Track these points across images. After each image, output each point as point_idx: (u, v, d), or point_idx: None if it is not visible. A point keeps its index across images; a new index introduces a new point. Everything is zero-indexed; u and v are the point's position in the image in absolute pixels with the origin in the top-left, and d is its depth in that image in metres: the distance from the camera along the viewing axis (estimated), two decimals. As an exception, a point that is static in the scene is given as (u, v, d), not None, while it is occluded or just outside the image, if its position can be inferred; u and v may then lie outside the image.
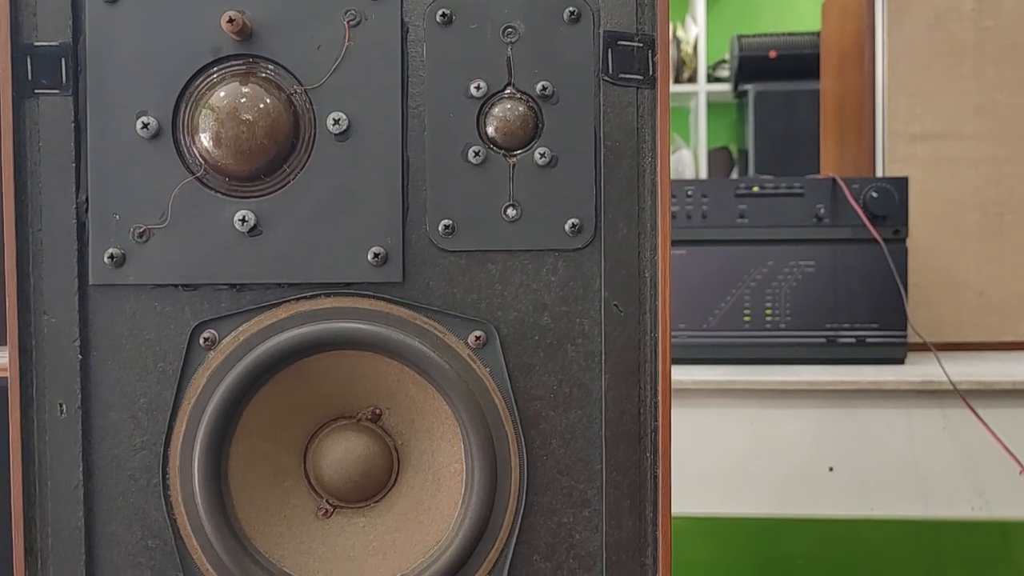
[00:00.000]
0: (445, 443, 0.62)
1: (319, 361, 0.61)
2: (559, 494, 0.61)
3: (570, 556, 0.61)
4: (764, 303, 1.49)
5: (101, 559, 0.61)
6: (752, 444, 1.41)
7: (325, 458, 0.62)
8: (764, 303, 1.49)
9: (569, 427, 0.60)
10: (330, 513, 0.63)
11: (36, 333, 0.60)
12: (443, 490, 0.62)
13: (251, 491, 0.62)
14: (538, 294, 0.60)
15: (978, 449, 1.37)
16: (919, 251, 1.62)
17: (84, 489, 0.61)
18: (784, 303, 1.49)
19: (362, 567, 0.62)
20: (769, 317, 1.49)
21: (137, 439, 0.61)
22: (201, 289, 0.60)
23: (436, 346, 0.60)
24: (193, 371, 0.60)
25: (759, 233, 1.50)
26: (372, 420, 0.63)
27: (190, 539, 0.61)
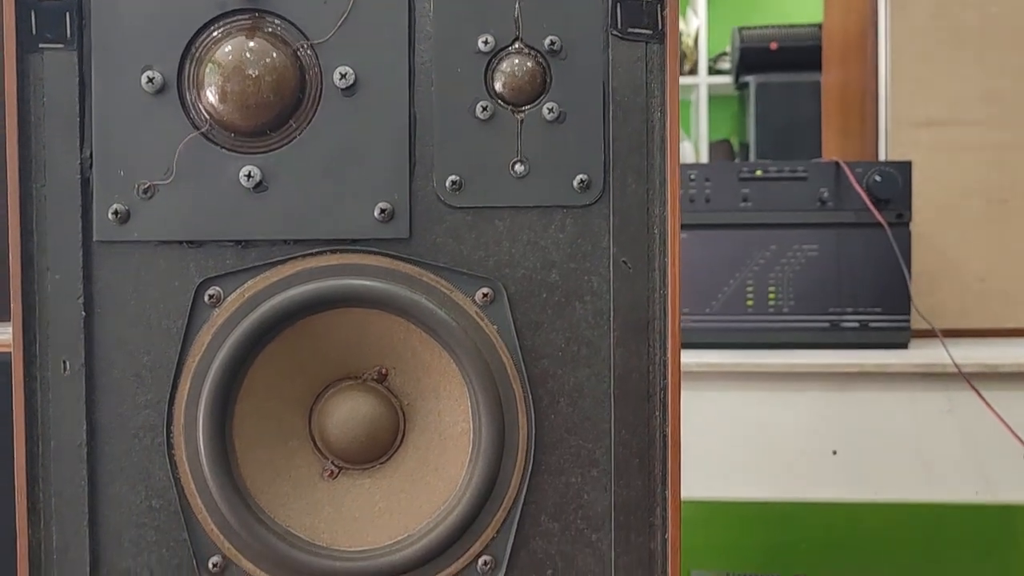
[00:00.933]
0: (452, 402, 0.61)
1: (325, 319, 0.60)
2: (567, 453, 0.60)
3: (578, 516, 0.60)
4: (767, 287, 1.49)
5: (104, 519, 0.60)
6: (755, 427, 1.41)
7: (331, 419, 0.62)
8: (767, 287, 1.49)
9: (577, 385, 0.60)
10: (336, 474, 0.62)
11: (40, 290, 0.60)
12: (450, 450, 0.61)
13: (256, 451, 0.61)
14: (546, 251, 0.60)
15: (983, 433, 1.37)
16: (922, 238, 1.62)
17: (87, 448, 0.60)
18: (787, 287, 1.49)
19: (368, 528, 0.61)
20: (772, 301, 1.49)
21: (141, 397, 0.60)
22: (206, 246, 0.60)
23: (443, 303, 0.59)
24: (198, 329, 0.60)
25: (762, 217, 1.49)
26: (378, 380, 0.63)
27: (194, 498, 0.60)
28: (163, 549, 0.61)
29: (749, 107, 2.64)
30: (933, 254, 1.64)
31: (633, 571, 0.60)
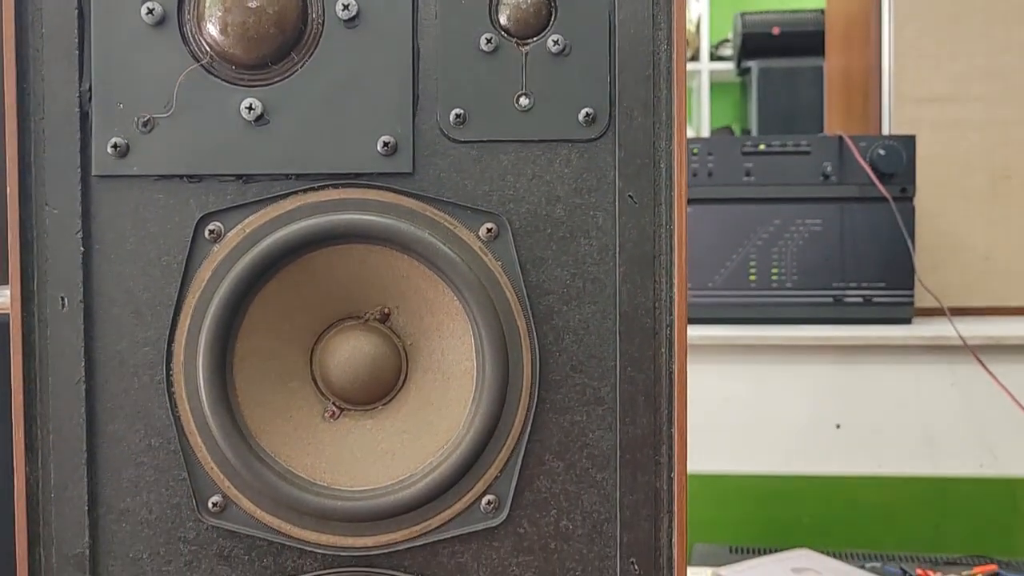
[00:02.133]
0: (455, 341, 0.60)
1: (327, 255, 0.59)
2: (572, 391, 0.59)
3: (583, 455, 0.59)
4: (770, 262, 1.48)
5: (102, 457, 0.60)
6: (759, 401, 1.40)
7: (332, 358, 0.61)
8: (770, 262, 1.48)
9: (583, 322, 0.59)
10: (337, 415, 0.62)
11: (37, 225, 0.59)
12: (453, 389, 0.60)
13: (257, 390, 0.60)
14: (551, 186, 0.59)
15: (987, 406, 1.36)
16: (925, 215, 1.61)
17: (86, 386, 0.59)
18: (790, 262, 1.48)
19: (370, 468, 0.60)
20: (775, 276, 1.48)
21: (140, 335, 0.59)
22: (206, 180, 0.59)
23: (447, 238, 0.58)
24: (198, 265, 0.59)
25: (765, 192, 1.49)
26: (380, 320, 0.62)
27: (194, 436, 0.59)
28: (162, 488, 0.60)
29: (751, 92, 2.63)
30: (936, 231, 1.63)
31: (639, 510, 0.59)
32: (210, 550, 0.60)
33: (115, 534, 0.60)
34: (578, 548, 0.60)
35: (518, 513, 0.59)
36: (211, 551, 0.60)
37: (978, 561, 1.19)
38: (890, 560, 1.22)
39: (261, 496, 0.59)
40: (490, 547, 0.60)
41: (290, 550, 0.60)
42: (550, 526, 0.60)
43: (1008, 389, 1.30)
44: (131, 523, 0.60)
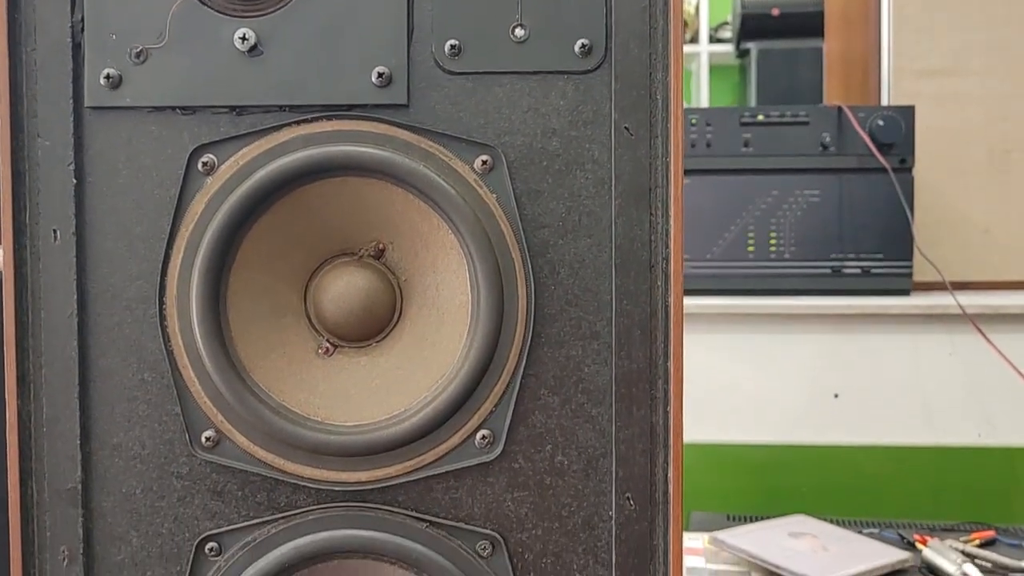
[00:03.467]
0: (450, 275, 0.60)
1: (321, 188, 0.59)
2: (567, 325, 0.59)
3: (579, 390, 0.59)
4: (769, 233, 1.48)
5: (95, 392, 0.59)
6: (757, 371, 1.40)
7: (326, 293, 0.61)
8: (769, 233, 1.48)
9: (578, 256, 0.59)
10: (331, 352, 0.61)
11: (29, 156, 0.58)
12: (448, 324, 0.60)
13: (250, 325, 0.60)
14: (547, 118, 0.58)
15: (986, 376, 1.36)
16: (924, 189, 1.60)
17: (78, 319, 0.59)
18: (789, 233, 1.48)
19: (364, 404, 0.60)
20: (773, 247, 1.48)
21: (133, 268, 0.59)
22: (199, 112, 0.59)
23: (441, 170, 0.58)
24: (191, 197, 0.59)
25: (764, 162, 1.48)
26: (375, 256, 0.61)
27: (187, 371, 0.59)
28: (155, 423, 0.59)
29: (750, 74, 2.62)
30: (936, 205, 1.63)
31: (635, 445, 0.59)
32: (203, 485, 0.60)
33: (108, 469, 0.60)
34: (573, 483, 0.59)
35: (513, 448, 0.59)
36: (204, 486, 0.60)
37: (976, 527, 1.19)
38: (888, 527, 1.21)
39: (254, 431, 0.59)
40: (485, 482, 0.59)
41: (283, 485, 0.60)
42: (545, 461, 0.59)
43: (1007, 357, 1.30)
44: (124, 458, 0.60)
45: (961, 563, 1.05)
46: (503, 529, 0.59)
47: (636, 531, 0.59)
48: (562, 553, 0.59)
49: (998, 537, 1.17)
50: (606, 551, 0.59)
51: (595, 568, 0.59)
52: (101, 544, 0.60)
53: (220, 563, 0.60)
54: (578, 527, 0.59)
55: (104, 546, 0.60)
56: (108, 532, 0.60)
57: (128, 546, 0.60)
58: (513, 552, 0.59)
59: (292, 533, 0.59)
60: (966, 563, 1.05)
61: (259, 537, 0.59)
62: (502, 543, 0.59)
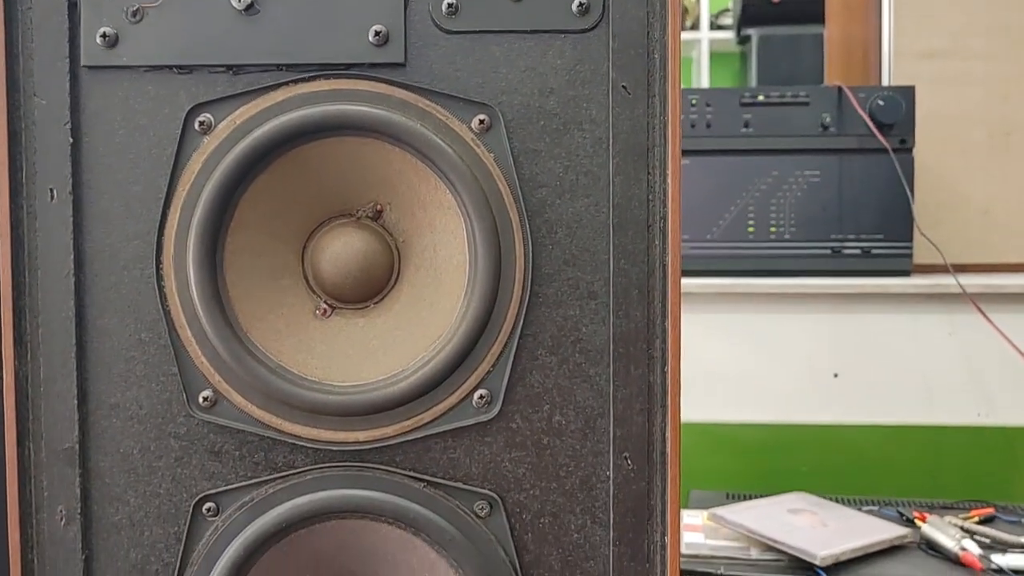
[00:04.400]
0: (448, 236, 0.60)
1: (318, 148, 0.59)
2: (565, 285, 0.59)
3: (576, 350, 0.59)
4: (768, 214, 1.48)
5: (92, 352, 0.59)
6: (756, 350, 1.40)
7: (324, 254, 0.61)
8: (768, 214, 1.48)
9: (576, 216, 0.59)
10: (329, 313, 0.61)
11: (26, 116, 0.58)
12: (445, 284, 0.60)
13: (248, 286, 0.60)
14: (544, 78, 0.58)
15: (985, 356, 1.36)
16: (924, 171, 1.60)
17: (75, 279, 0.59)
18: (789, 214, 1.47)
19: (361, 364, 0.60)
20: (773, 228, 1.47)
21: (130, 228, 0.59)
22: (196, 72, 0.58)
23: (439, 130, 0.58)
24: (188, 157, 0.59)
25: (764, 143, 1.48)
26: (372, 218, 0.61)
27: (184, 331, 0.59)
28: (152, 383, 0.59)
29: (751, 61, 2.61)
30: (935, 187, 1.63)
31: (632, 404, 0.59)
32: (200, 445, 0.60)
33: (105, 429, 0.60)
34: (571, 443, 0.59)
35: (510, 408, 0.59)
36: (201, 446, 0.60)
37: (975, 505, 1.19)
38: (887, 504, 1.21)
39: (252, 390, 0.59)
40: (482, 442, 0.59)
41: (281, 445, 0.59)
42: (543, 421, 0.59)
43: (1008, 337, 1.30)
44: (121, 418, 0.60)
45: (960, 538, 1.05)
46: (501, 489, 0.59)
47: (634, 491, 0.59)
48: (560, 513, 0.59)
49: (997, 514, 1.17)
50: (604, 511, 0.59)
51: (593, 528, 0.59)
52: (99, 504, 0.60)
53: (218, 523, 0.60)
54: (576, 487, 0.59)
55: (102, 506, 0.60)
56: (105, 492, 0.60)
57: (126, 506, 0.60)
58: (511, 512, 0.59)
59: (290, 493, 0.59)
60: (965, 538, 1.05)
61: (257, 497, 0.59)
62: (500, 503, 0.59)
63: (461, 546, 0.59)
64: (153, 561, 0.60)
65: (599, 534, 0.59)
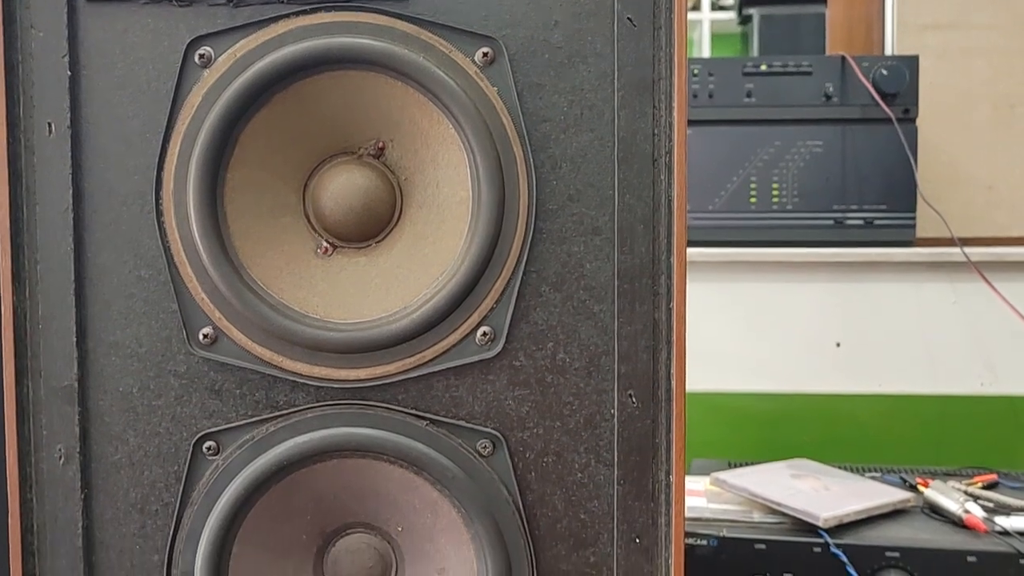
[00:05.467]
0: (451, 171, 0.59)
1: (319, 82, 0.58)
2: (569, 221, 0.58)
3: (580, 287, 0.58)
4: (771, 184, 1.47)
5: (91, 289, 0.59)
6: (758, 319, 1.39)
7: (325, 192, 0.60)
8: (771, 184, 1.47)
9: (580, 150, 0.58)
10: (330, 252, 0.61)
11: (23, 48, 0.58)
12: (448, 221, 0.59)
13: (248, 222, 0.59)
14: (549, 10, 0.57)
15: (988, 324, 1.35)
16: (927, 145, 1.59)
17: (74, 214, 0.58)
18: (791, 184, 1.47)
19: (363, 302, 0.59)
20: (776, 199, 1.47)
21: (130, 162, 0.58)
22: (196, 4, 0.58)
23: (442, 63, 0.57)
24: (188, 91, 0.58)
25: (766, 113, 1.47)
26: (375, 156, 0.61)
27: (184, 267, 0.58)
28: (152, 321, 0.59)
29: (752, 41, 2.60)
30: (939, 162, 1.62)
31: (637, 341, 0.58)
32: (201, 384, 0.59)
33: (104, 367, 0.59)
34: (575, 381, 0.59)
35: (514, 346, 0.58)
36: (202, 385, 0.59)
37: (978, 472, 1.19)
38: (890, 471, 1.21)
39: (252, 327, 0.58)
40: (485, 380, 0.59)
41: (282, 383, 0.59)
42: (547, 359, 0.59)
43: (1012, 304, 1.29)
44: (121, 356, 0.59)
45: (964, 502, 1.04)
46: (504, 428, 0.59)
47: (638, 429, 0.58)
48: (563, 452, 0.59)
49: (1000, 480, 1.16)
50: (608, 449, 0.59)
51: (596, 467, 0.59)
52: (98, 443, 0.59)
53: (218, 462, 0.59)
54: (580, 425, 0.59)
55: (101, 445, 0.59)
56: (105, 431, 0.59)
57: (125, 445, 0.59)
58: (514, 451, 0.59)
59: (291, 431, 0.59)
60: (968, 501, 1.04)
61: (257, 436, 0.59)
62: (503, 442, 0.59)
63: (463, 485, 0.58)
64: (153, 500, 0.59)
65: (603, 473, 0.59)
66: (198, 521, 0.59)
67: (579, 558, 0.59)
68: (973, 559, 0.95)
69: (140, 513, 0.59)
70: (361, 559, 0.61)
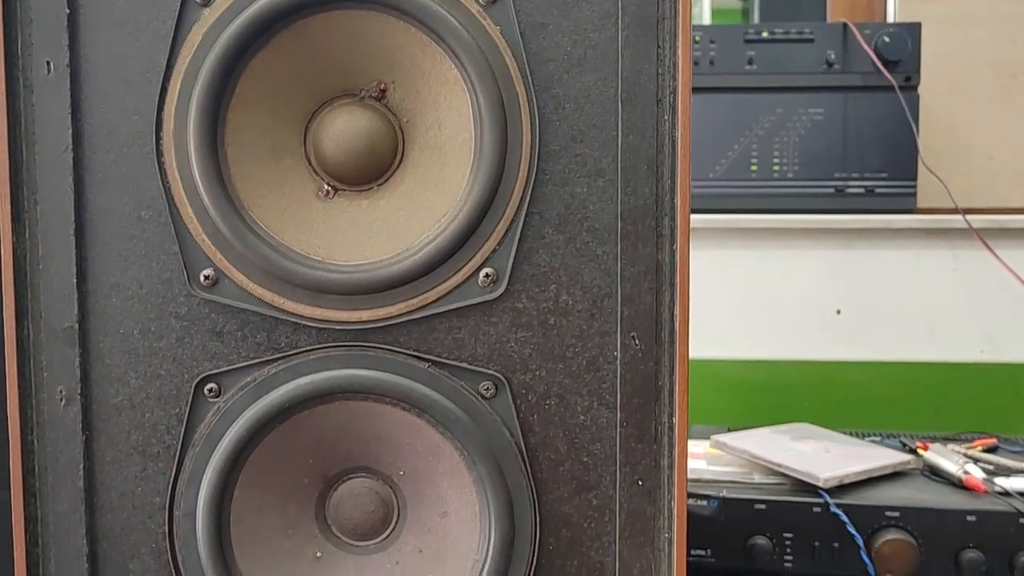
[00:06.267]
0: (453, 113, 0.59)
1: (320, 21, 0.57)
2: (572, 162, 0.58)
3: (583, 228, 0.58)
4: (772, 152, 1.46)
5: (91, 231, 0.58)
6: (758, 286, 1.39)
7: (327, 134, 0.59)
8: (772, 152, 1.46)
9: (584, 90, 0.57)
10: (331, 195, 0.60)
11: (21, -14, 0.57)
12: (450, 163, 0.59)
13: (249, 164, 0.59)
14: (552, -52, 0.57)
15: (988, 292, 1.35)
16: (928, 113, 1.58)
17: (73, 154, 0.58)
18: (792, 152, 1.46)
19: (365, 244, 0.59)
20: (777, 167, 1.46)
21: (129, 103, 0.58)
22: (196, -59, 0.57)
23: (444, 1, 0.57)
24: (188, 29, 0.57)
25: (768, 80, 1.46)
26: (376, 98, 0.60)
27: (184, 208, 0.58)
28: (153, 262, 0.58)
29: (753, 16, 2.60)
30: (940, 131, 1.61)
31: (640, 283, 0.58)
32: (202, 326, 0.59)
33: (105, 309, 0.59)
34: (578, 324, 0.58)
35: (517, 288, 0.58)
36: (203, 327, 0.59)
37: (978, 436, 1.19)
38: (890, 436, 1.21)
39: (253, 268, 0.58)
40: (488, 322, 0.58)
41: (283, 325, 0.59)
42: (549, 301, 0.58)
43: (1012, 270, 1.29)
44: (121, 298, 0.59)
45: (963, 464, 1.04)
46: (506, 370, 0.59)
47: (641, 371, 0.58)
48: (566, 394, 0.59)
49: (1000, 444, 1.16)
50: (611, 392, 0.58)
51: (599, 409, 0.59)
52: (99, 385, 0.59)
53: (219, 404, 0.59)
54: (582, 368, 0.59)
55: (102, 387, 0.59)
56: (106, 373, 0.59)
57: (126, 387, 0.59)
58: (516, 393, 0.59)
59: (292, 373, 0.58)
60: (968, 463, 1.04)
61: (259, 378, 0.59)
62: (505, 384, 0.58)
63: (466, 427, 0.58)
64: (154, 443, 0.59)
65: (606, 416, 0.59)
66: (199, 463, 0.59)
67: (582, 501, 0.59)
68: (972, 518, 0.95)
69: (141, 455, 0.59)
70: (363, 503, 0.61)
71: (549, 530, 0.59)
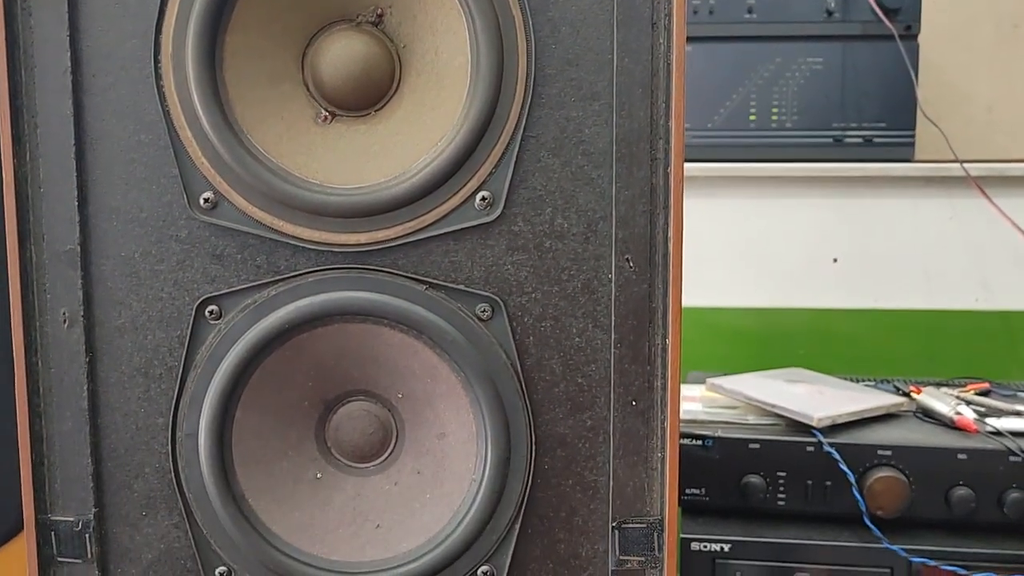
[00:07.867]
0: (450, 36, 0.59)
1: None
2: (568, 86, 0.58)
3: (579, 152, 0.59)
4: (771, 102, 1.46)
5: (91, 154, 0.59)
6: (755, 234, 1.40)
7: (324, 59, 0.60)
8: (771, 102, 1.46)
9: (579, 13, 0.58)
10: (329, 120, 0.61)
11: (18, -91, 0.57)
12: (447, 88, 0.59)
13: (248, 88, 0.59)
14: None
15: (984, 241, 1.36)
16: (927, 65, 1.58)
17: (72, 78, 0.58)
18: (791, 102, 1.46)
19: (363, 168, 0.60)
20: (775, 116, 1.46)
21: (127, 26, 0.58)
22: None
23: (440, -77, 0.57)
24: (185, -48, 0.57)
25: (767, 29, 1.46)
26: (374, 23, 0.60)
27: (184, 131, 0.58)
28: (153, 186, 0.59)
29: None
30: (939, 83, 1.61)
31: (635, 205, 0.58)
32: (202, 249, 0.60)
33: (106, 232, 0.60)
34: (573, 247, 0.59)
35: (512, 211, 0.59)
36: (203, 250, 0.60)
37: (971, 381, 1.20)
38: (884, 381, 1.22)
39: (253, 191, 0.59)
40: (484, 245, 0.59)
41: (283, 248, 0.59)
42: (545, 224, 0.59)
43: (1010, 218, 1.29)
44: (122, 221, 0.59)
45: (955, 405, 1.06)
46: (502, 292, 0.59)
47: (635, 293, 0.59)
48: (561, 316, 0.60)
49: (992, 388, 1.18)
50: (605, 314, 0.59)
51: (594, 331, 0.60)
52: (101, 308, 0.60)
53: (220, 326, 0.60)
54: (577, 290, 0.59)
55: (104, 310, 0.60)
56: (108, 296, 0.60)
57: (128, 310, 0.60)
58: (512, 315, 0.59)
59: (292, 295, 0.59)
60: (960, 405, 1.06)
61: (259, 300, 0.60)
62: (501, 306, 0.59)
63: (463, 348, 0.59)
64: (156, 365, 0.60)
65: (600, 337, 0.60)
66: (201, 385, 0.60)
67: (576, 421, 0.60)
68: (963, 456, 0.96)
69: (144, 377, 0.60)
70: (362, 425, 0.62)
71: (544, 450, 0.60)
